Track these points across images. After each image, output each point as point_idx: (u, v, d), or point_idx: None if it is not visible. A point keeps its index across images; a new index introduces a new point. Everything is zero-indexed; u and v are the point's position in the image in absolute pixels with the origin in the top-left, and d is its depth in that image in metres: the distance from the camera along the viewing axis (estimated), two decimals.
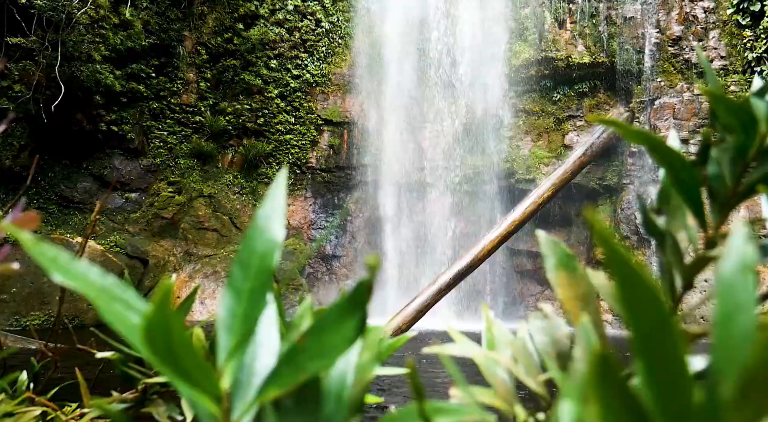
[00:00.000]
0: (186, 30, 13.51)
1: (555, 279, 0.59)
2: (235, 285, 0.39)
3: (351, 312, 0.35)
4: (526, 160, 13.33)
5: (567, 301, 0.57)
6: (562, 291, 0.58)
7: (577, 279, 0.58)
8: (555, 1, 13.17)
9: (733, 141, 0.55)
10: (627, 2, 12.75)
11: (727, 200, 0.58)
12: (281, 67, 14.07)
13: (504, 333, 0.68)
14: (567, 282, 0.58)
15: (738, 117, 0.53)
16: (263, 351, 0.41)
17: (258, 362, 0.40)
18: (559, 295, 0.58)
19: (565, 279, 0.58)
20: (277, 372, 0.36)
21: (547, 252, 0.60)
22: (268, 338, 0.42)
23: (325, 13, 14.27)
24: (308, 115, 14.21)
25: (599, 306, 0.60)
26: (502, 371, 0.63)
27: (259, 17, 13.90)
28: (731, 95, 11.83)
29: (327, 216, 14.43)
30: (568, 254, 0.60)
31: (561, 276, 0.59)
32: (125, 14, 12.25)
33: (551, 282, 0.59)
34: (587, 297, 0.58)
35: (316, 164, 14.28)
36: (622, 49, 12.72)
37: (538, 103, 13.50)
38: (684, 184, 0.55)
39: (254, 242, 0.41)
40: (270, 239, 0.41)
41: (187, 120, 13.73)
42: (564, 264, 0.59)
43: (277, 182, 0.44)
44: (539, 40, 13.23)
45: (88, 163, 12.72)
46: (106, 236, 12.11)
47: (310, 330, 0.36)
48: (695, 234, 0.63)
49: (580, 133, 13.12)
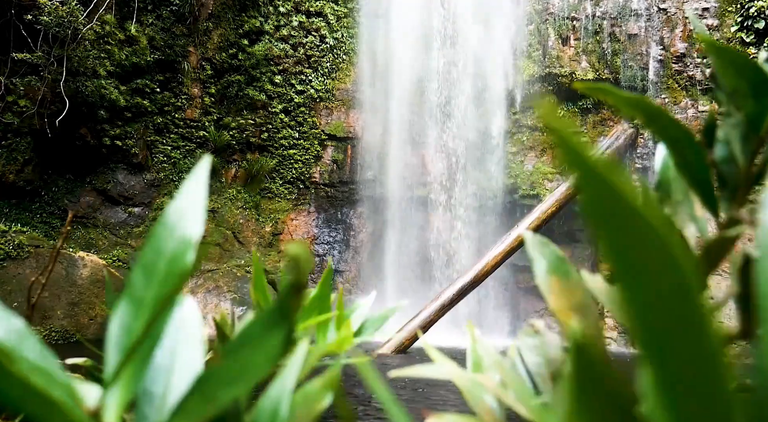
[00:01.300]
0: (191, 46, 13.60)
1: (546, 286, 0.51)
2: (135, 293, 0.33)
3: (276, 324, 0.30)
4: (530, 176, 13.28)
5: (560, 312, 0.50)
6: (555, 300, 0.50)
7: (571, 286, 0.51)
8: (559, 18, 13.21)
9: (743, 111, 0.47)
10: (630, 19, 12.77)
11: (740, 184, 0.51)
12: (285, 82, 14.12)
13: (492, 353, 0.60)
14: (559, 289, 0.51)
15: (748, 78, 0.45)
16: (180, 378, 0.34)
17: (172, 392, 0.33)
18: (551, 305, 0.50)
19: (557, 286, 0.51)
20: (182, 405, 0.29)
21: (535, 255, 0.53)
22: (191, 360, 0.35)
23: (329, 29, 14.35)
24: (312, 130, 14.23)
25: (599, 317, 0.53)
26: (489, 397, 0.55)
27: (263, 33, 13.99)
28: None
29: (330, 231, 14.38)
30: (559, 256, 0.53)
31: (552, 282, 0.51)
32: (131, 30, 12.35)
33: (542, 289, 0.52)
34: (584, 307, 0.50)
35: (319, 179, 14.27)
36: (625, 66, 12.72)
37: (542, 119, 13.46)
38: (690, 164, 0.48)
39: (162, 241, 0.34)
40: (183, 237, 0.35)
41: (191, 135, 13.76)
42: (555, 269, 0.52)
43: (196, 172, 0.38)
44: (543, 56, 13.25)
45: (92, 178, 12.75)
46: (108, 250, 12.08)
47: (227, 348, 0.30)
48: (705, 226, 0.56)
49: None
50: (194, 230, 0.35)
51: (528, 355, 0.54)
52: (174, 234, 0.35)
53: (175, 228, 0.35)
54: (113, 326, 0.33)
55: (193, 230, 0.35)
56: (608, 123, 13.19)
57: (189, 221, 0.35)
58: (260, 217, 14.06)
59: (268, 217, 14.08)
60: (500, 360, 0.57)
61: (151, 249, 0.35)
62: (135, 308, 0.33)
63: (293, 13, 14.18)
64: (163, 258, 0.34)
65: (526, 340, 0.57)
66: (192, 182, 0.38)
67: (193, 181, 0.37)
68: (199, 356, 0.36)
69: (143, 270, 0.34)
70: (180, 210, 0.36)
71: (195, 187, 0.37)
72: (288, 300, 0.30)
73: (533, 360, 0.54)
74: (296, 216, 14.31)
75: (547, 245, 0.53)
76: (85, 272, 10.29)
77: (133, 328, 0.32)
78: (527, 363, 0.54)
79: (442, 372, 0.54)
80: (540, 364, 0.53)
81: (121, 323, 0.33)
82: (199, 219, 0.36)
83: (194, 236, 0.35)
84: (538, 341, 0.56)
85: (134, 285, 0.34)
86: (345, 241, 14.30)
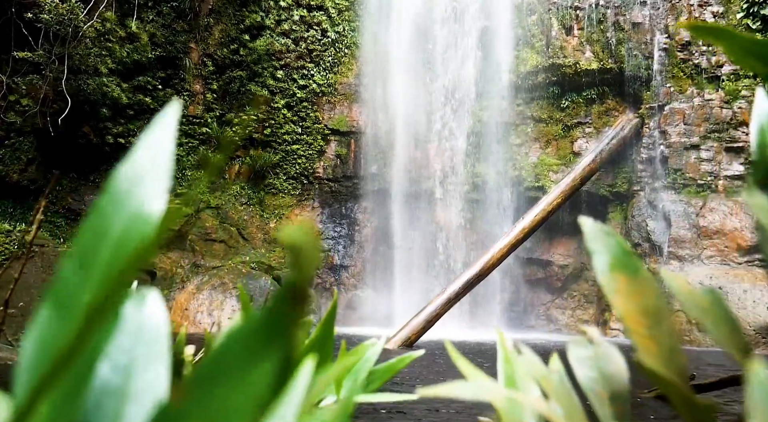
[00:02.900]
0: (192, 42, 13.54)
1: (610, 285, 0.43)
2: (63, 292, 0.24)
3: (265, 345, 0.20)
4: (535, 168, 13.19)
5: (629, 317, 0.42)
6: (621, 303, 0.42)
7: (641, 286, 0.43)
8: (562, 8, 13.08)
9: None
10: (635, 8, 12.63)
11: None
12: (287, 77, 14.05)
13: (529, 364, 0.51)
14: (627, 289, 0.43)
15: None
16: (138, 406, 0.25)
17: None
18: (617, 308, 0.43)
19: (624, 285, 0.43)
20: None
21: (596, 248, 0.44)
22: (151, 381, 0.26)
23: (331, 23, 14.25)
24: (315, 125, 14.16)
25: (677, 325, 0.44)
26: (530, 417, 0.47)
27: (265, 28, 13.91)
28: (743, 100, 11.68)
29: (335, 226, 14.33)
30: (625, 249, 0.45)
31: (619, 280, 0.43)
32: (131, 27, 12.29)
33: (604, 288, 0.44)
34: (657, 312, 0.42)
35: (323, 174, 14.21)
36: (630, 55, 12.59)
37: (546, 110, 13.38)
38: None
39: (106, 217, 0.25)
40: (137, 211, 0.25)
41: (194, 131, 13.72)
42: (622, 264, 0.44)
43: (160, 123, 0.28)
44: (546, 46, 13.13)
45: (96, 176, 12.72)
46: None
47: (193, 380, 0.21)
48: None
49: (589, 139, 12.97)
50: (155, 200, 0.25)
51: (580, 369, 0.46)
52: (125, 207, 0.25)
53: (127, 199, 0.25)
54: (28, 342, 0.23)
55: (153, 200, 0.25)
56: (613, 113, 13.07)
57: (147, 188, 0.25)
58: (264, 213, 14.02)
59: (272, 213, 14.04)
60: (543, 373, 0.50)
61: (89, 230, 0.25)
62: (62, 313, 0.23)
63: (294, 8, 14.09)
64: (107, 241, 0.25)
65: (578, 351, 0.48)
66: (152, 137, 0.28)
67: (155, 134, 0.28)
68: (163, 375, 0.27)
69: (77, 259, 0.25)
70: (134, 173, 0.26)
71: (157, 142, 0.27)
72: (284, 308, 0.21)
73: (586, 374, 0.46)
74: (300, 212, 14.26)
75: (611, 235, 0.46)
76: None
77: (58, 341, 0.23)
78: (579, 378, 0.46)
79: (476, 392, 0.46)
80: (595, 380, 0.46)
81: (40, 336, 0.23)
82: (163, 184, 0.26)
83: (155, 209, 0.25)
84: (592, 352, 0.47)
85: (63, 282, 0.25)
86: (350, 236, 14.25)
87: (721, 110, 11.82)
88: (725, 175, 11.69)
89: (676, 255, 11.52)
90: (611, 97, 13.05)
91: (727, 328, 0.44)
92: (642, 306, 0.42)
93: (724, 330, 0.43)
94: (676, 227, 11.60)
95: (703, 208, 11.60)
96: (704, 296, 0.45)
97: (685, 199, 11.80)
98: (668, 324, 0.42)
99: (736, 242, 11.16)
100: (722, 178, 11.70)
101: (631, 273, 0.43)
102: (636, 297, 0.42)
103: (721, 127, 11.79)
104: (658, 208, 12.03)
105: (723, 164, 11.74)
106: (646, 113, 12.48)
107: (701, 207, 11.62)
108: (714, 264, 11.23)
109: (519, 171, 13.22)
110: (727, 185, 11.66)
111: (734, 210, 11.38)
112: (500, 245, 10.71)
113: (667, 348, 0.41)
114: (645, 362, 0.40)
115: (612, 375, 0.44)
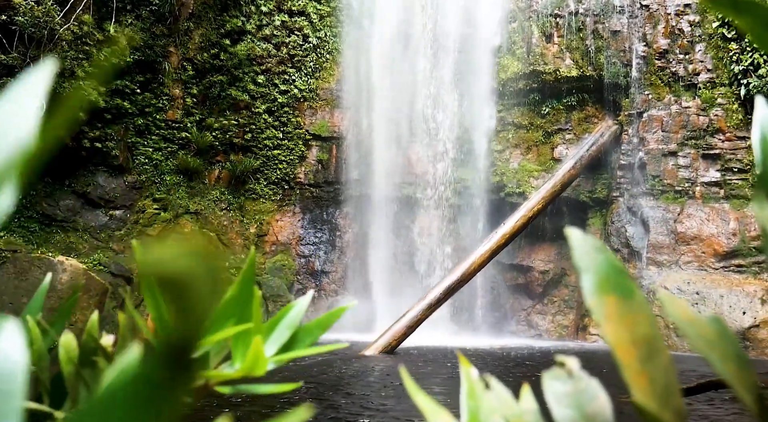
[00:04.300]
0: (172, 46, 13.40)
1: (599, 309, 0.37)
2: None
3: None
4: (516, 174, 13.25)
5: (620, 347, 0.36)
6: (612, 330, 0.37)
7: (634, 311, 0.37)
8: (542, 15, 13.19)
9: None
10: (613, 16, 12.78)
11: None
12: (268, 82, 13.96)
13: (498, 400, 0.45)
14: (619, 314, 0.37)
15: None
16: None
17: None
18: (607, 336, 0.37)
19: (615, 310, 0.37)
20: None
21: (583, 265, 0.39)
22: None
23: (312, 29, 14.21)
24: (296, 130, 14.09)
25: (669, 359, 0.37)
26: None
27: (245, 33, 13.82)
28: (719, 107, 11.85)
29: (316, 232, 14.25)
30: (617, 267, 0.39)
31: (609, 304, 0.37)
32: (109, 30, 12.13)
33: (592, 310, 0.38)
34: (651, 341, 0.37)
35: (304, 179, 14.13)
36: (609, 63, 12.72)
37: (527, 117, 13.46)
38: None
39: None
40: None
41: (173, 136, 13.56)
42: (612, 285, 0.38)
43: (27, 85, 0.24)
44: (527, 53, 13.22)
45: (71, 181, 12.50)
46: (89, 254, 11.86)
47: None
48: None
49: (569, 146, 13.07)
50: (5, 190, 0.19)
51: (557, 407, 0.40)
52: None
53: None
54: None
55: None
56: (592, 120, 13.19)
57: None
58: (245, 219, 13.89)
59: (252, 219, 13.92)
60: (518, 413, 0.43)
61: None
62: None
63: (275, 13, 14.02)
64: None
65: (555, 386, 0.41)
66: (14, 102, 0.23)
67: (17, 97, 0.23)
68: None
69: None
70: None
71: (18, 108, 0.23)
72: (161, 377, 0.15)
73: (564, 413, 0.40)
74: (281, 217, 14.16)
75: (601, 251, 0.40)
76: (65, 277, 10.07)
77: None
78: (556, 418, 0.39)
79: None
80: (574, 420, 0.40)
81: None
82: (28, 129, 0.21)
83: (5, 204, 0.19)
84: (571, 387, 0.41)
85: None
86: (331, 242, 14.18)
87: (698, 117, 11.98)
88: (702, 181, 11.85)
89: (655, 260, 11.63)
90: (591, 103, 13.17)
91: (735, 365, 0.38)
92: (635, 335, 0.37)
93: (732, 367, 0.38)
94: (655, 233, 11.72)
95: (680, 214, 11.73)
96: (708, 325, 0.40)
97: (663, 205, 11.93)
98: (663, 358, 0.37)
99: (712, 248, 11.30)
100: (699, 184, 11.86)
101: (624, 295, 0.38)
102: (628, 324, 0.37)
103: (698, 134, 11.95)
104: (637, 214, 12.15)
105: (700, 171, 11.90)
106: (625, 120, 12.61)
107: (679, 213, 11.75)
108: (691, 269, 11.35)
109: (500, 177, 13.27)
110: (704, 191, 11.81)
111: (711, 216, 11.52)
112: (481, 251, 10.72)
113: (662, 385, 0.36)
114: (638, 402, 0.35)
115: (594, 414, 0.39)
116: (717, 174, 11.79)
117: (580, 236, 0.40)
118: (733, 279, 10.91)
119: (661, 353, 0.37)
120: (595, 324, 6.14)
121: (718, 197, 11.73)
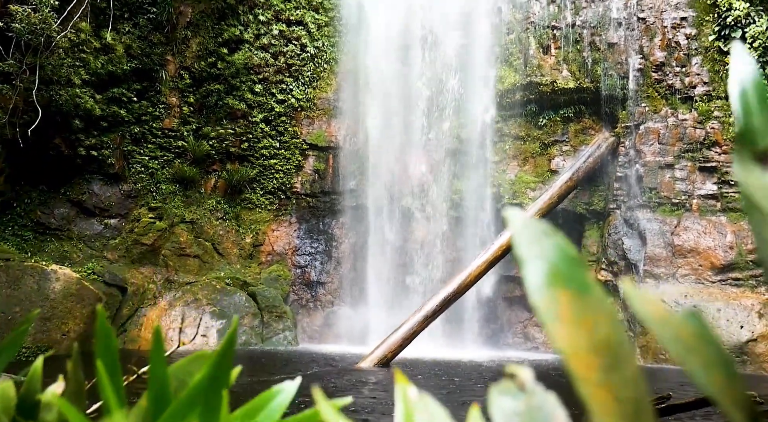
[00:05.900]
0: (169, 54, 13.37)
1: (549, 308, 0.30)
2: None
3: None
4: (513, 185, 13.22)
5: (576, 357, 0.29)
6: (564, 334, 0.29)
7: (593, 310, 0.30)
8: (539, 27, 13.22)
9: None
10: (610, 29, 12.82)
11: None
12: (266, 91, 13.94)
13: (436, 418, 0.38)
14: (573, 314, 0.30)
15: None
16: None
17: None
18: (558, 342, 0.30)
19: (569, 309, 0.30)
20: None
21: (527, 252, 0.31)
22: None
23: (310, 38, 14.21)
24: (293, 140, 14.05)
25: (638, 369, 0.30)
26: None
27: (243, 42, 13.81)
28: (715, 120, 11.87)
29: (312, 242, 14.18)
30: (569, 255, 0.32)
31: (561, 301, 0.30)
32: (107, 38, 12.10)
33: (539, 309, 0.31)
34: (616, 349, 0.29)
35: (301, 189, 14.07)
36: (606, 75, 12.75)
37: (524, 128, 13.46)
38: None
39: None
40: None
41: (169, 145, 13.50)
42: (563, 277, 0.30)
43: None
44: (524, 65, 13.24)
45: (66, 189, 12.42)
46: (83, 263, 11.76)
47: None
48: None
49: (566, 157, 13.06)
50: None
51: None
52: None
53: None
54: None
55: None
56: (590, 131, 13.19)
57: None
58: (240, 228, 13.82)
59: (248, 228, 13.85)
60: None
61: None
62: None
63: (273, 22, 14.03)
64: None
65: (503, 403, 0.33)
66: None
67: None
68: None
69: None
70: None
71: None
72: None
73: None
74: (277, 227, 14.09)
75: (549, 236, 0.32)
76: (58, 286, 9.97)
77: None
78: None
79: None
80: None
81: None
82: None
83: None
84: (522, 404, 0.33)
85: None
86: (327, 252, 14.10)
87: (695, 130, 12.00)
88: (699, 194, 11.84)
89: (652, 273, 11.59)
90: (588, 115, 13.18)
91: (720, 375, 0.31)
92: (595, 339, 0.29)
93: (717, 377, 0.30)
94: (652, 245, 11.69)
95: (677, 226, 11.71)
96: (685, 324, 0.32)
97: (660, 217, 11.91)
98: (630, 368, 0.29)
99: (709, 261, 11.27)
100: (696, 197, 11.85)
101: (580, 290, 0.30)
102: (586, 327, 0.29)
103: (695, 147, 11.96)
104: (633, 227, 12.12)
105: (696, 183, 11.89)
106: (622, 132, 12.62)
107: (676, 225, 11.73)
108: (688, 282, 11.31)
109: (497, 188, 13.25)
110: (701, 204, 11.80)
111: (708, 229, 11.50)
112: (478, 262, 10.66)
113: (630, 403, 0.28)
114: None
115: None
116: (714, 187, 11.78)
117: (521, 219, 0.33)
118: (730, 293, 10.88)
119: (627, 362, 0.29)
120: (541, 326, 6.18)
121: (714, 210, 11.72)
